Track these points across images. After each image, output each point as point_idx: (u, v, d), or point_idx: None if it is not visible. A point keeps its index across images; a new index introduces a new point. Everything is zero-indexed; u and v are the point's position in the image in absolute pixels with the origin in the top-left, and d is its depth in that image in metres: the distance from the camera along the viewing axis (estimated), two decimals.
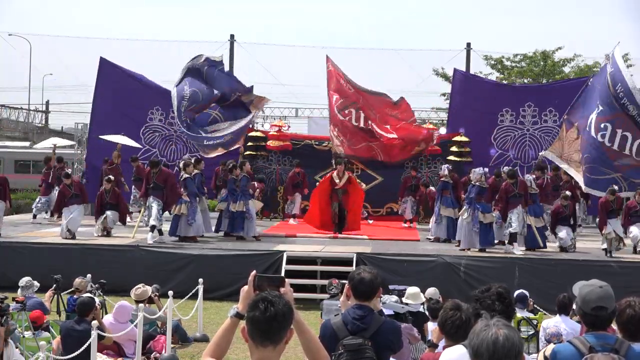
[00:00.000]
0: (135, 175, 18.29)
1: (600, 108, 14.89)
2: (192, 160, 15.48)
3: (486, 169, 15.26)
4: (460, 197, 16.10)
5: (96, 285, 10.27)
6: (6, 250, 14.13)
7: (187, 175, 14.86)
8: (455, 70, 22.73)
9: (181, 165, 15.58)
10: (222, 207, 15.82)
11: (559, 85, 22.86)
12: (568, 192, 15.40)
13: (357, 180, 17.69)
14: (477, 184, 14.42)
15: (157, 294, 10.24)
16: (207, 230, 15.46)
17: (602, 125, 14.78)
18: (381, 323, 4.60)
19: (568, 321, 8.16)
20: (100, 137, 19.61)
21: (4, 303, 7.01)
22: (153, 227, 14.33)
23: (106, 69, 21.20)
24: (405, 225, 18.91)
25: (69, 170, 17.51)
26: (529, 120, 20.51)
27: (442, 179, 16.37)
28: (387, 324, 4.70)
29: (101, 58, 21.31)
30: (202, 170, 15.77)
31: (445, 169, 16.52)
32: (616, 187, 14.47)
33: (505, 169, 15.36)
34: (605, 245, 14.11)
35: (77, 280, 10.05)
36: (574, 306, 5.79)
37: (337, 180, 16.06)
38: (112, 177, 16.02)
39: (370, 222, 19.06)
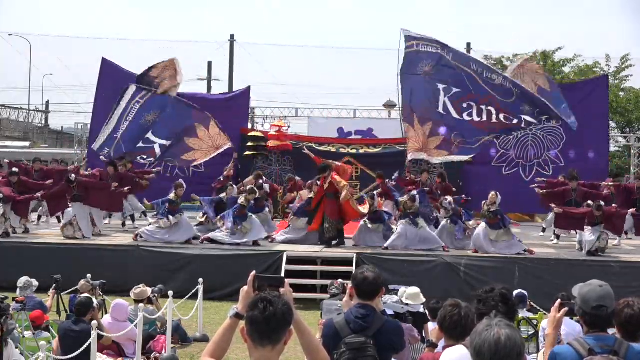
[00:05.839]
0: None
1: (454, 90, 15.93)
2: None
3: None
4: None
5: (97, 283, 10.24)
6: (6, 250, 14.14)
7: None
8: None
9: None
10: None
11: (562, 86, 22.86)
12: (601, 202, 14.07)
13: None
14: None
15: (158, 295, 10.22)
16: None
17: (464, 105, 15.90)
18: (384, 322, 4.62)
19: (567, 321, 8.14)
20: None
21: (4, 303, 7.01)
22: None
23: (108, 69, 21.21)
24: None
25: None
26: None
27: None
28: (390, 323, 4.72)
29: (103, 59, 21.33)
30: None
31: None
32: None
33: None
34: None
35: (81, 282, 10.05)
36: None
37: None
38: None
39: None
